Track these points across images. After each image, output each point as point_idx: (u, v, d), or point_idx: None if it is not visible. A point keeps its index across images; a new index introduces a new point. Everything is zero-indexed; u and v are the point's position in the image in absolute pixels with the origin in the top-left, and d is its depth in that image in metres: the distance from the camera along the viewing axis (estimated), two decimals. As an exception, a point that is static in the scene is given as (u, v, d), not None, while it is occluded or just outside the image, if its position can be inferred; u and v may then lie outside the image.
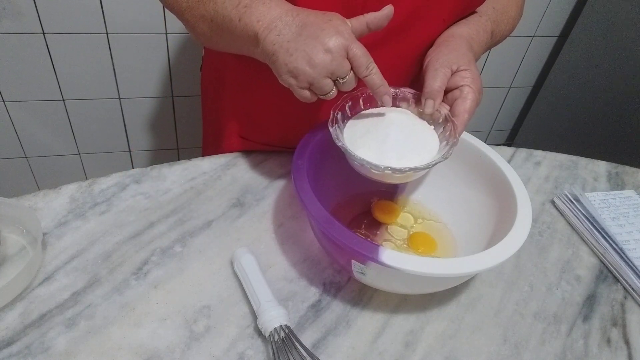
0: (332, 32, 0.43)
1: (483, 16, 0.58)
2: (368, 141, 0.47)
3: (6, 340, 0.41)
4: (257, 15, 0.46)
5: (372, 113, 0.50)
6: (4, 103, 1.21)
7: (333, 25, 0.44)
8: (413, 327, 0.47)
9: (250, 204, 0.58)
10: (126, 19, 1.14)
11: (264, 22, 0.45)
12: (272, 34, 0.45)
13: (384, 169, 0.44)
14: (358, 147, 0.46)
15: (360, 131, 0.48)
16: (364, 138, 0.47)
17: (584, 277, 0.55)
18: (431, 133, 0.49)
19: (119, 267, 0.48)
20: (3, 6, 1.04)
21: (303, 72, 0.44)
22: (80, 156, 1.40)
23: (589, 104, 1.40)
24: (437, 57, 0.51)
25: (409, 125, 0.49)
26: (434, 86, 0.48)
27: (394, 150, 0.46)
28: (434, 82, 0.48)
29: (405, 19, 0.55)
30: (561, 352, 0.47)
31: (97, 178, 0.58)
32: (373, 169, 0.45)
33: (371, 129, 0.48)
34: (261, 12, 0.46)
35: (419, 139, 0.48)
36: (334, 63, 0.43)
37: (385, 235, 0.55)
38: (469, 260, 0.40)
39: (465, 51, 0.52)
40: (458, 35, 0.54)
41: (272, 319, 0.42)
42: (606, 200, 0.65)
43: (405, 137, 0.48)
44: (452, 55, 0.51)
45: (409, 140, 0.47)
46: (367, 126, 0.48)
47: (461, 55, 0.51)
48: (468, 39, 0.54)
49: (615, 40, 1.29)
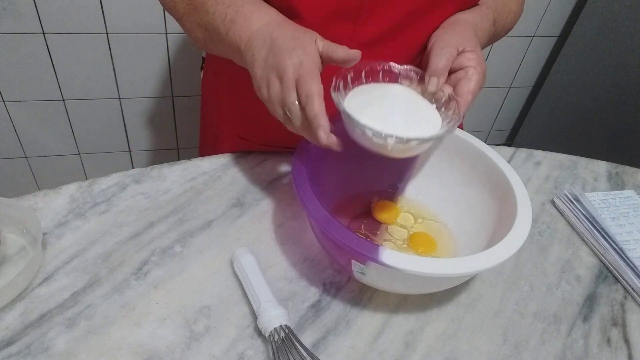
0: (289, 62, 0.42)
1: (483, 5, 0.59)
2: (371, 112, 0.45)
3: (6, 340, 0.41)
4: (239, 31, 0.47)
5: (375, 87, 0.50)
6: (4, 103, 1.21)
7: (296, 54, 0.42)
8: (413, 327, 0.47)
9: (250, 204, 0.58)
10: (126, 19, 1.14)
11: (244, 38, 0.46)
12: (249, 53, 0.45)
13: (387, 137, 0.42)
14: (360, 116, 0.44)
15: (363, 102, 0.47)
16: (367, 108, 0.46)
17: (584, 277, 0.55)
18: (433, 111, 0.48)
19: (119, 267, 0.48)
20: (3, 6, 1.04)
21: (262, 97, 0.45)
22: (80, 156, 1.40)
23: (589, 104, 1.40)
24: (443, 37, 0.51)
25: (411, 100, 0.48)
26: (439, 64, 0.48)
27: (398, 120, 0.45)
28: (439, 61, 0.48)
29: (405, 17, 0.55)
30: (561, 352, 0.47)
31: (97, 178, 0.58)
32: (376, 137, 0.42)
33: (374, 100, 0.47)
34: (243, 27, 0.46)
35: (422, 114, 0.47)
36: (282, 92, 0.43)
37: (385, 235, 0.55)
38: (469, 260, 0.40)
39: (471, 35, 0.52)
40: (464, 20, 0.54)
41: (272, 319, 0.42)
42: (606, 200, 0.65)
43: (409, 110, 0.47)
44: (459, 37, 0.51)
45: (412, 114, 0.47)
46: (370, 98, 0.47)
47: (467, 38, 0.51)
48: (473, 25, 0.54)
49: (615, 40, 1.29)
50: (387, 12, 0.54)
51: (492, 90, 1.61)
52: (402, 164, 0.58)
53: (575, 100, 1.44)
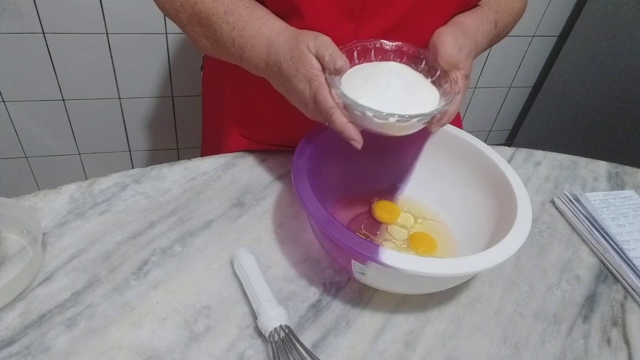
0: (300, 87, 0.47)
1: (484, 7, 0.58)
2: (369, 91, 0.45)
3: (6, 340, 0.41)
4: (252, 62, 0.51)
5: (369, 66, 0.49)
6: (4, 103, 1.21)
7: (299, 78, 0.47)
8: (413, 327, 0.47)
9: (250, 204, 0.58)
10: (126, 19, 1.14)
11: (260, 66, 0.50)
12: (271, 79, 0.51)
13: (388, 116, 0.42)
14: (358, 97, 0.44)
15: (359, 82, 0.46)
16: (364, 88, 0.45)
17: (584, 277, 0.55)
18: (430, 85, 0.48)
19: (119, 267, 0.48)
20: (3, 6, 1.04)
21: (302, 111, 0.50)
22: (80, 156, 1.40)
23: (589, 104, 1.40)
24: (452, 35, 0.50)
25: (408, 76, 0.48)
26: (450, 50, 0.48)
27: (397, 98, 0.45)
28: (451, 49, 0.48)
29: (407, 15, 0.55)
30: (561, 352, 0.47)
31: (97, 178, 0.58)
32: (377, 117, 0.42)
33: (370, 79, 0.47)
34: (252, 59, 0.51)
35: (419, 89, 0.47)
36: (313, 113, 0.48)
37: (385, 235, 0.55)
38: (469, 260, 0.40)
39: (470, 43, 0.52)
40: (465, 25, 0.54)
41: (272, 319, 0.42)
42: (606, 200, 0.65)
43: (406, 86, 0.47)
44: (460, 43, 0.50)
45: (410, 90, 0.47)
46: (365, 77, 0.47)
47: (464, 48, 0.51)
48: (474, 30, 0.54)
49: (615, 40, 1.29)
50: (388, 11, 0.54)
51: (492, 90, 1.61)
52: (402, 164, 0.58)
53: (575, 100, 1.44)
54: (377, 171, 0.58)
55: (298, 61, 0.46)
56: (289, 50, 0.47)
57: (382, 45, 0.50)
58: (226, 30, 0.51)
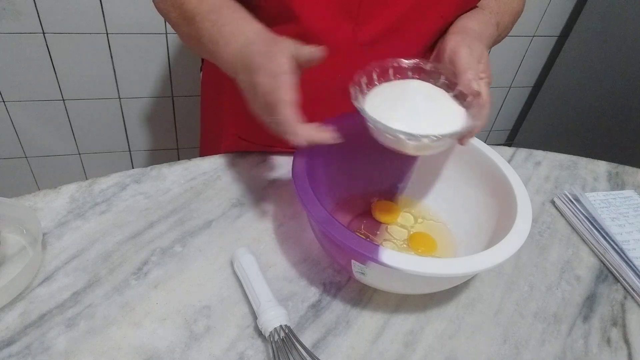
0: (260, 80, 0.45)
1: (486, 9, 0.58)
2: (398, 114, 0.45)
3: (6, 340, 0.41)
4: (222, 54, 0.49)
5: (392, 86, 0.49)
6: (4, 103, 1.21)
7: (264, 71, 0.45)
8: (413, 327, 0.47)
9: (250, 204, 0.58)
10: (126, 19, 1.14)
11: (228, 61, 0.49)
12: (235, 76, 0.49)
13: (421, 138, 0.42)
14: (389, 120, 0.44)
15: (385, 104, 0.46)
16: (392, 111, 0.45)
17: (584, 277, 0.55)
18: (453, 101, 0.48)
19: (119, 267, 0.48)
20: (3, 6, 1.04)
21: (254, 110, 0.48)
22: (80, 156, 1.40)
23: (589, 104, 1.40)
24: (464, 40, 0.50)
25: (432, 94, 0.48)
26: (472, 62, 0.48)
27: (426, 118, 0.45)
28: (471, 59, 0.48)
29: (405, 16, 0.55)
30: (561, 352, 0.47)
31: (97, 178, 0.58)
32: (411, 139, 0.42)
33: (396, 101, 0.46)
34: (223, 57, 0.50)
35: (445, 105, 0.47)
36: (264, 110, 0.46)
37: (385, 235, 0.55)
38: (469, 260, 0.40)
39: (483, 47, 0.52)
40: (471, 30, 0.54)
41: (272, 319, 0.42)
42: (606, 200, 0.65)
43: (432, 105, 0.47)
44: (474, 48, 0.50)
45: (436, 107, 0.46)
46: (391, 98, 0.47)
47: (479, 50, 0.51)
48: (480, 34, 0.54)
49: (615, 40, 1.29)
50: (386, 12, 0.54)
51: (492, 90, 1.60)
52: (402, 164, 0.58)
53: (575, 100, 1.44)
54: (377, 171, 0.58)
55: (271, 57, 0.45)
56: (266, 47, 0.46)
57: (400, 63, 0.50)
58: (207, 27, 0.51)
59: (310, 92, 0.61)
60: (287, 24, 0.55)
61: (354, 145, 0.56)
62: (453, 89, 0.49)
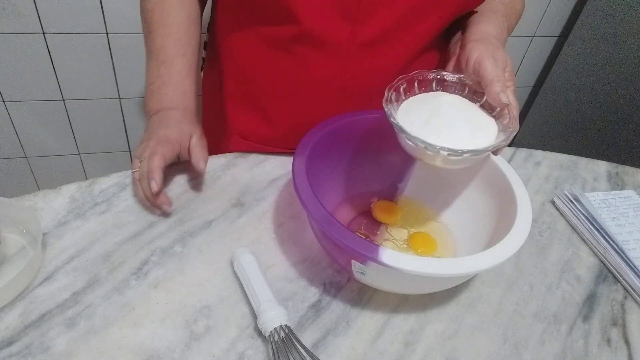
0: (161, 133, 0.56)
1: (497, 13, 0.58)
2: (434, 128, 0.45)
3: (6, 340, 0.41)
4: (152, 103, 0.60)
5: (426, 97, 0.49)
6: (4, 103, 1.21)
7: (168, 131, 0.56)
8: (413, 327, 0.47)
9: (250, 204, 0.58)
10: (126, 19, 1.14)
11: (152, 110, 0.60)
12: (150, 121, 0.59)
13: (463, 153, 0.42)
14: (429, 135, 0.44)
15: (421, 117, 0.46)
16: (429, 125, 0.45)
17: (584, 277, 0.55)
18: (485, 115, 0.48)
19: (119, 267, 0.48)
20: (3, 6, 1.04)
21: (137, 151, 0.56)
22: (80, 156, 1.40)
23: (589, 104, 1.40)
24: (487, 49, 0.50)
25: (466, 108, 0.48)
26: (500, 73, 0.48)
27: (462, 134, 0.45)
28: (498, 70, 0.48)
29: (404, 17, 0.55)
30: (561, 352, 0.47)
31: (97, 178, 0.58)
32: (452, 155, 0.43)
33: (433, 115, 0.46)
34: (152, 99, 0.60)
35: (480, 121, 0.47)
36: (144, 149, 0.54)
37: (385, 235, 0.55)
38: (469, 260, 0.40)
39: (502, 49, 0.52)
40: (489, 34, 0.54)
41: (272, 319, 0.42)
42: (606, 200, 0.65)
43: (469, 119, 0.47)
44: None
45: (473, 122, 0.47)
46: (425, 114, 0.47)
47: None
48: (497, 37, 0.54)
49: (615, 40, 1.29)
50: (385, 13, 0.54)
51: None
52: (402, 164, 0.58)
53: (575, 100, 1.44)
54: (377, 171, 0.58)
55: (178, 133, 0.56)
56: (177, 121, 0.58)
57: (425, 76, 0.50)
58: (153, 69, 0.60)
59: (310, 92, 0.62)
60: (286, 24, 0.55)
61: (354, 145, 0.56)
62: (479, 98, 0.49)
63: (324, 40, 0.56)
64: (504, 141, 0.44)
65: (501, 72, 0.48)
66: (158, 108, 0.59)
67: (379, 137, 0.56)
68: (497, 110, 0.48)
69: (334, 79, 0.59)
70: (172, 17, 0.60)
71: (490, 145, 0.44)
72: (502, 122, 0.47)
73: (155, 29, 0.60)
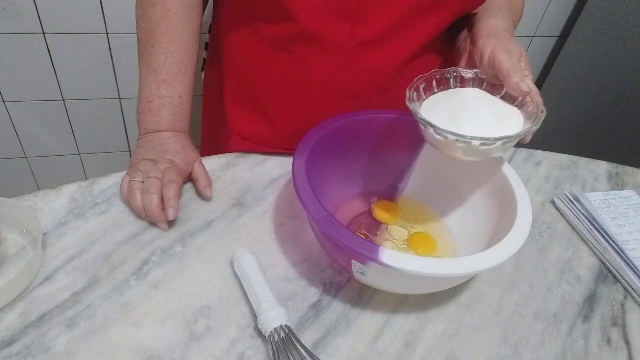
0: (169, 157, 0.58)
1: (502, 9, 0.58)
2: (464, 120, 0.45)
3: (6, 340, 0.41)
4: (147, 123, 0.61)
5: (446, 95, 0.50)
6: (4, 103, 1.21)
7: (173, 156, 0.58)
8: (413, 327, 0.47)
9: (250, 204, 0.58)
10: (126, 19, 1.14)
11: (145, 129, 0.61)
12: (141, 142, 0.61)
13: (495, 141, 0.43)
14: (460, 127, 0.44)
15: (444, 113, 0.47)
16: (457, 117, 0.46)
17: (584, 277, 0.55)
18: (510, 106, 0.48)
19: (119, 267, 0.48)
20: (3, 6, 1.04)
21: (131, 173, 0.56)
22: (80, 156, 1.39)
23: (589, 104, 1.40)
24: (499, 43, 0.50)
25: (491, 99, 0.48)
26: (517, 65, 0.48)
27: (489, 122, 0.45)
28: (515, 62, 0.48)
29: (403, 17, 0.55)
30: (561, 352, 0.47)
31: (97, 178, 0.58)
32: (484, 143, 0.43)
33: (457, 111, 0.47)
34: (148, 123, 0.61)
35: (506, 110, 0.48)
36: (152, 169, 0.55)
37: (385, 235, 0.55)
38: (469, 260, 0.39)
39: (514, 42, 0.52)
40: (502, 28, 0.54)
41: (272, 319, 0.42)
42: (606, 200, 0.65)
43: (491, 109, 0.47)
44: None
45: (499, 112, 0.47)
46: (449, 109, 0.47)
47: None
48: (508, 30, 0.54)
49: (615, 40, 1.29)
50: (385, 12, 0.54)
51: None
52: (402, 164, 0.58)
53: (575, 100, 1.44)
54: (377, 171, 0.58)
55: (183, 159, 0.58)
56: (182, 147, 0.59)
57: (442, 74, 0.50)
58: (152, 83, 0.61)
59: (309, 92, 0.62)
60: (286, 24, 0.55)
61: (354, 145, 0.56)
62: (499, 90, 0.49)
63: (324, 40, 0.56)
64: (534, 125, 0.45)
65: (517, 63, 0.48)
66: (157, 129, 0.59)
67: (379, 137, 0.56)
68: (518, 100, 0.48)
69: (334, 79, 0.59)
70: (177, 32, 0.59)
71: (522, 131, 0.44)
72: (526, 110, 0.47)
73: (158, 43, 0.59)
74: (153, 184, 0.52)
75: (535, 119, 0.46)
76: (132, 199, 0.52)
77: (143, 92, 0.61)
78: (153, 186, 0.52)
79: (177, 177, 0.54)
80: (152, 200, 0.51)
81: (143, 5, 0.59)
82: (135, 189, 0.52)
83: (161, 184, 0.53)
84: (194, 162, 0.59)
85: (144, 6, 0.59)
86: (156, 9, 0.58)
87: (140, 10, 0.60)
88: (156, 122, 0.59)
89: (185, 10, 0.59)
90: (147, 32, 0.60)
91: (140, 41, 0.62)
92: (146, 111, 0.60)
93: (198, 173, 0.58)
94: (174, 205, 0.52)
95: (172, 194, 0.52)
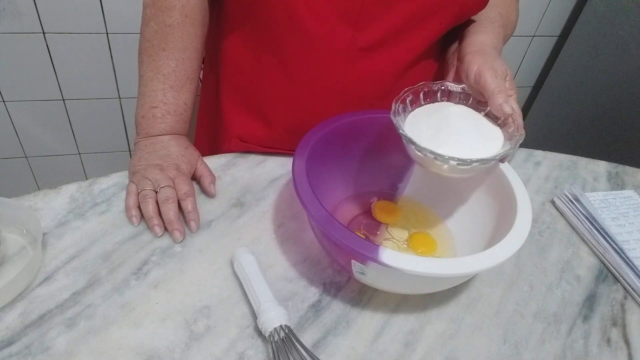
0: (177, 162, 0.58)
1: (494, 23, 0.58)
2: (443, 138, 0.46)
3: (6, 340, 0.41)
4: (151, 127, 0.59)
5: (433, 108, 0.50)
6: (4, 103, 1.21)
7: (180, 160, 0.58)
8: (413, 327, 0.47)
9: (250, 204, 0.58)
10: (126, 19, 1.14)
11: (145, 134, 0.59)
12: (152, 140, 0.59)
13: (471, 163, 0.43)
14: (435, 145, 0.45)
15: (428, 131, 0.47)
16: (439, 135, 0.46)
17: (584, 277, 0.55)
18: (491, 125, 0.49)
19: (119, 267, 0.48)
20: (3, 6, 1.04)
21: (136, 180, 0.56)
22: (80, 156, 1.40)
23: (589, 104, 1.40)
24: (485, 61, 0.50)
25: (474, 118, 0.49)
26: (502, 85, 0.48)
27: (474, 143, 0.46)
28: (500, 81, 0.48)
29: (405, 22, 0.55)
30: (561, 352, 0.47)
31: (97, 178, 0.58)
32: (461, 164, 0.43)
33: (441, 125, 0.47)
34: (151, 127, 0.59)
35: (487, 130, 0.48)
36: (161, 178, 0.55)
37: (385, 235, 0.55)
38: (469, 260, 0.40)
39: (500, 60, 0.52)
40: (488, 44, 0.54)
41: (272, 319, 0.42)
42: (606, 200, 0.65)
43: (477, 129, 0.47)
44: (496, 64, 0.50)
45: (481, 132, 0.47)
46: (433, 125, 0.47)
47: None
48: (495, 47, 0.54)
49: (615, 40, 1.29)
50: (386, 18, 0.54)
51: (492, 90, 1.60)
52: (402, 164, 0.58)
53: (575, 100, 1.44)
54: (377, 171, 0.58)
55: (187, 162, 0.58)
56: (185, 148, 0.59)
57: (430, 87, 0.51)
58: (158, 88, 0.60)
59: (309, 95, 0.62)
60: (286, 27, 0.55)
61: (354, 145, 0.56)
62: (484, 107, 0.49)
63: (325, 44, 0.56)
64: (511, 149, 0.45)
65: (502, 82, 0.48)
66: (160, 133, 0.59)
67: (379, 137, 0.56)
68: (501, 119, 0.48)
69: (334, 83, 0.59)
70: (191, 39, 0.58)
71: (498, 154, 0.44)
72: (507, 130, 0.48)
73: (171, 49, 0.58)
74: (170, 194, 0.53)
75: (514, 140, 0.46)
76: (145, 207, 0.52)
77: (147, 96, 0.59)
78: (170, 196, 0.53)
79: (190, 189, 0.55)
80: (171, 209, 0.52)
81: (157, 6, 0.58)
82: (149, 198, 0.52)
83: (176, 195, 0.53)
84: (197, 162, 0.59)
85: (158, 7, 0.58)
86: (173, 13, 0.57)
87: (152, 10, 0.58)
88: (159, 128, 0.59)
89: (200, 15, 0.59)
90: (160, 35, 0.59)
91: (148, 42, 0.60)
92: (149, 116, 0.59)
93: (202, 171, 0.59)
94: (195, 218, 0.53)
95: (191, 207, 0.53)
